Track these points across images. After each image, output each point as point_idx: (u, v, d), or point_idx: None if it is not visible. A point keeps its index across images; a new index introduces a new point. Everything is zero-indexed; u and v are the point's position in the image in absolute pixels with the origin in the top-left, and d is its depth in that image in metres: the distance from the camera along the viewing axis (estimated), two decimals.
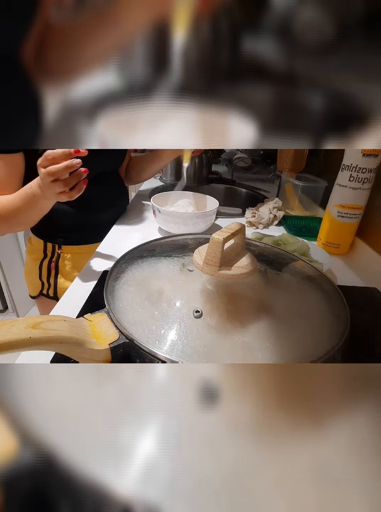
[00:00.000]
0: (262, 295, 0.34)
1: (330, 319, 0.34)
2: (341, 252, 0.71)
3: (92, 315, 0.33)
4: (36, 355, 0.38)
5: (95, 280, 0.55)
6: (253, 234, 0.69)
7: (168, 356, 0.27)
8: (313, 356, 0.28)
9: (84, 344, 0.28)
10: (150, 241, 0.47)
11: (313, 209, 0.93)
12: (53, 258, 0.79)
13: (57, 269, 0.80)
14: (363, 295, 0.56)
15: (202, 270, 0.33)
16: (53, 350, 0.28)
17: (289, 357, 0.29)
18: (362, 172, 0.62)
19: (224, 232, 0.32)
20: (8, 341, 0.24)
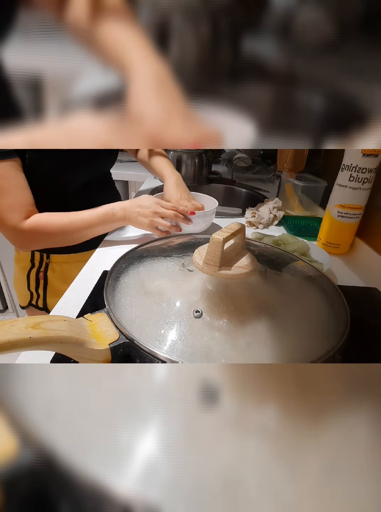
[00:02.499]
0: (262, 295, 0.34)
1: (330, 319, 0.34)
2: (341, 252, 0.71)
3: (92, 315, 0.33)
4: (36, 355, 0.38)
5: (95, 280, 0.55)
6: (253, 234, 0.69)
7: (168, 356, 0.27)
8: (313, 356, 0.28)
9: (84, 344, 0.28)
10: (150, 241, 0.47)
11: (313, 209, 0.93)
12: (41, 268, 0.76)
13: (45, 279, 0.76)
14: (363, 295, 0.56)
15: (202, 270, 0.33)
16: (53, 350, 0.28)
17: (289, 357, 0.29)
18: (362, 172, 0.62)
19: (224, 232, 0.32)
20: (8, 341, 0.24)
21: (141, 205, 0.63)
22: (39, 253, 0.74)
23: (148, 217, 0.63)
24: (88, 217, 0.62)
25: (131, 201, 0.65)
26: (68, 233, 0.62)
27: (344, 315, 0.33)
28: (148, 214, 0.63)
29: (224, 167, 1.45)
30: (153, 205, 0.64)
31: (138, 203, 0.64)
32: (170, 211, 0.64)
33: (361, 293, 0.56)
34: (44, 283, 0.77)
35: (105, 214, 0.62)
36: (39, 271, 0.76)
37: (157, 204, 0.64)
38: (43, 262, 0.75)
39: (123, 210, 0.63)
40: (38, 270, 0.76)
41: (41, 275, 0.76)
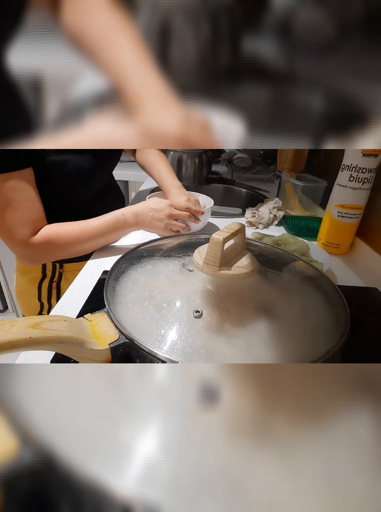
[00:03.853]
0: (262, 295, 0.34)
1: (330, 319, 0.34)
2: (341, 252, 0.71)
3: (92, 315, 0.33)
4: (36, 355, 0.38)
5: (95, 280, 0.55)
6: (253, 234, 0.69)
7: (168, 356, 0.27)
8: (313, 356, 0.28)
9: (84, 344, 0.28)
10: (150, 241, 0.47)
11: (313, 209, 0.93)
12: (54, 278, 0.73)
13: (58, 290, 0.74)
14: (363, 295, 0.56)
15: (202, 270, 0.33)
16: (53, 350, 0.28)
17: (289, 357, 0.29)
18: (362, 172, 0.62)
19: (224, 232, 0.32)
20: (8, 341, 0.24)
21: (154, 208, 0.62)
22: (51, 264, 0.72)
23: (164, 220, 0.62)
24: (99, 226, 0.60)
25: (142, 205, 0.63)
26: (80, 243, 0.60)
27: (344, 315, 0.33)
28: (163, 217, 0.62)
29: (224, 167, 1.45)
30: (167, 208, 0.63)
31: (151, 207, 0.63)
32: (185, 212, 0.65)
33: (361, 293, 0.56)
34: (57, 292, 0.74)
35: (117, 222, 0.61)
36: (51, 281, 0.73)
37: (171, 206, 0.64)
38: (55, 272, 0.72)
39: (134, 216, 0.62)
40: (51, 280, 0.73)
41: (53, 285, 0.73)
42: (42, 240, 0.58)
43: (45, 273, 0.72)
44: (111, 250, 0.66)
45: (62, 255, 0.62)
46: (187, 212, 0.65)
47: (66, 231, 0.59)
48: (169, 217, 0.63)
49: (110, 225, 0.61)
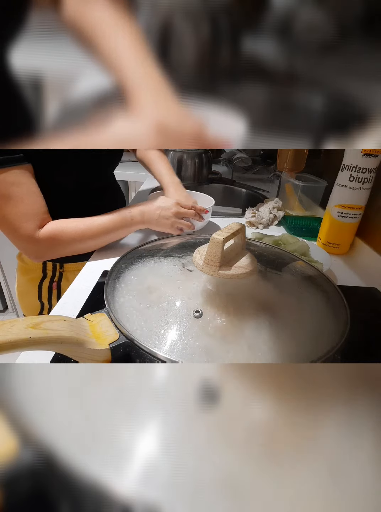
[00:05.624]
0: (262, 295, 0.34)
1: (330, 319, 0.34)
2: (341, 252, 0.71)
3: (92, 315, 0.33)
4: (36, 355, 0.38)
5: (95, 280, 0.55)
6: (253, 234, 0.69)
7: (168, 356, 0.27)
8: (313, 356, 0.28)
9: (84, 344, 0.28)
10: (150, 241, 0.47)
11: (313, 209, 0.93)
12: (54, 278, 0.72)
13: (59, 290, 0.73)
14: (363, 295, 0.56)
15: (202, 270, 0.33)
16: (53, 350, 0.28)
17: (289, 357, 0.29)
18: (362, 172, 0.62)
19: (224, 232, 0.32)
20: (8, 341, 0.24)
21: (161, 206, 0.63)
22: (52, 263, 0.71)
23: (170, 219, 0.63)
24: (105, 223, 0.60)
25: (148, 203, 0.64)
26: (86, 240, 0.60)
27: (344, 315, 0.33)
28: (170, 216, 0.63)
29: (224, 167, 1.45)
30: (173, 206, 0.64)
31: (158, 205, 0.63)
32: (191, 210, 0.65)
33: (361, 293, 0.56)
34: (57, 292, 0.74)
35: (123, 219, 0.61)
36: (52, 281, 0.73)
37: (177, 205, 0.64)
38: (56, 272, 0.72)
39: (141, 214, 0.62)
40: (51, 280, 0.72)
41: (54, 285, 0.73)
42: (47, 235, 0.57)
43: (46, 273, 0.72)
44: (111, 250, 0.66)
45: (67, 251, 0.61)
46: (193, 210, 0.66)
47: (71, 227, 0.59)
48: (176, 215, 0.63)
49: (116, 222, 0.61)
